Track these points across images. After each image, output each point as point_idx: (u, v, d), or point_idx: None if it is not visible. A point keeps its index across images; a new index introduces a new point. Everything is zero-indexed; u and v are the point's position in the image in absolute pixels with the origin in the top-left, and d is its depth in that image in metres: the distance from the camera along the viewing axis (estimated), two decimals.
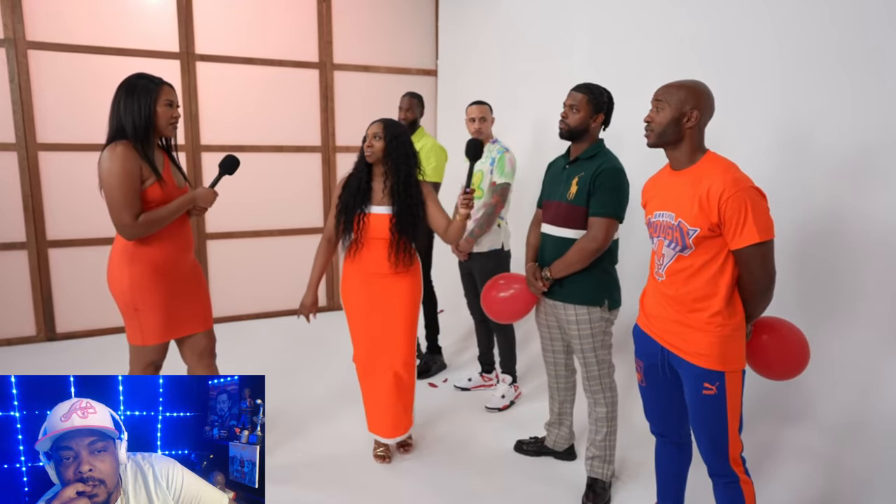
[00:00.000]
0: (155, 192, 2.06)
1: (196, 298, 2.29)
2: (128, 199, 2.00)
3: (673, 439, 1.94)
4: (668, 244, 1.72)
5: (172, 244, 2.16)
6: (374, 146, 2.38)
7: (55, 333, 4.12)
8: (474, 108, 3.10)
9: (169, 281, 2.16)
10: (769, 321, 1.82)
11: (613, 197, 2.17)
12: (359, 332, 2.53)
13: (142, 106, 2.04)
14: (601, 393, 2.35)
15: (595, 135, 2.29)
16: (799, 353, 1.79)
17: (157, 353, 2.22)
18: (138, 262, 2.11)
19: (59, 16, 3.90)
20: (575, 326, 2.28)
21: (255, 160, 4.58)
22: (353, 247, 2.46)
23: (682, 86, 1.67)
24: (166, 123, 2.10)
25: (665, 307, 1.75)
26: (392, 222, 2.39)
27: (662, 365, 1.80)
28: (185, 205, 2.14)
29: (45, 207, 4.00)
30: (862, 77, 2.09)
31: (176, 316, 2.20)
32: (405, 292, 2.49)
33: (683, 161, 1.71)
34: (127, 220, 2.01)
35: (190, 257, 2.28)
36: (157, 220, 2.06)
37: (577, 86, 2.27)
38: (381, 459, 2.60)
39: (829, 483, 2.09)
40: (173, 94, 2.13)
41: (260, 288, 4.73)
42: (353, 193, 2.43)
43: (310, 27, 4.66)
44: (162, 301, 2.14)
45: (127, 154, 2.00)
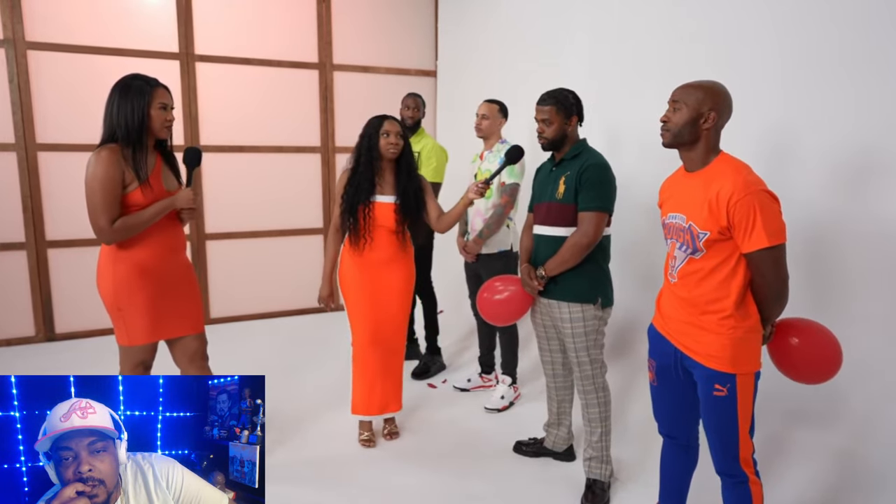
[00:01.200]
0: (136, 197, 2.06)
1: (185, 300, 2.27)
2: (105, 204, 2.00)
3: (681, 441, 1.93)
4: (680, 246, 1.71)
5: (158, 245, 2.15)
6: (399, 144, 2.56)
7: (55, 334, 4.12)
8: (481, 105, 3.12)
9: (154, 282, 2.14)
10: (798, 323, 1.79)
11: (600, 191, 2.20)
12: (359, 316, 2.66)
13: (135, 108, 2.03)
14: (594, 393, 2.35)
15: (574, 136, 2.34)
16: (832, 356, 1.75)
17: (144, 354, 2.21)
18: (122, 263, 2.11)
19: (59, 16, 3.90)
20: (569, 325, 2.29)
21: (255, 161, 4.58)
22: (360, 236, 2.58)
23: (700, 86, 1.66)
24: (160, 126, 2.09)
25: (678, 309, 1.74)
26: (397, 209, 2.58)
27: (676, 366, 1.79)
28: (163, 209, 2.11)
29: (45, 208, 4.00)
30: (863, 77, 2.09)
31: (162, 317, 2.19)
32: (401, 278, 2.68)
33: (697, 162, 1.70)
34: (103, 224, 2.02)
35: (179, 259, 2.26)
36: (134, 224, 2.05)
37: (541, 98, 2.31)
38: (366, 443, 2.73)
39: (838, 483, 2.09)
40: (168, 96, 2.11)
41: (260, 288, 4.73)
42: (360, 187, 2.57)
43: (309, 28, 4.67)
44: (146, 302, 2.13)
45: (110, 159, 2.01)
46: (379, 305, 2.65)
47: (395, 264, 2.66)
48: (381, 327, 2.67)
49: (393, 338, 2.71)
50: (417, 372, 3.57)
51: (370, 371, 2.70)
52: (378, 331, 2.66)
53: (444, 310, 3.99)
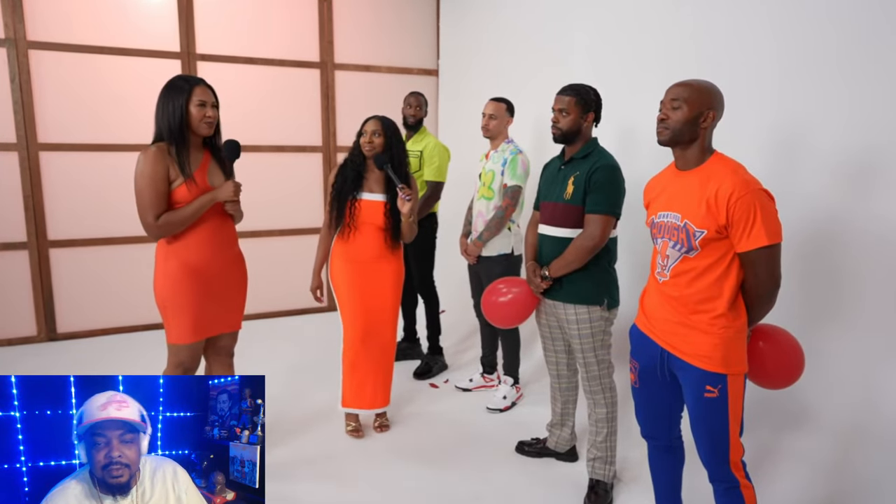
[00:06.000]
0: (182, 193, 2.11)
1: (232, 296, 2.33)
2: (151, 201, 2.07)
3: (663, 443, 1.93)
4: (674, 245, 1.70)
5: (206, 243, 2.19)
6: (374, 142, 2.61)
7: (56, 333, 4.11)
8: (488, 103, 3.08)
9: (201, 281, 2.18)
10: (764, 328, 1.80)
11: (609, 194, 2.18)
12: (349, 313, 2.71)
13: (175, 107, 2.09)
14: (601, 393, 2.34)
15: (588, 134, 2.30)
16: (794, 362, 1.77)
17: (187, 355, 2.21)
18: (172, 260, 2.16)
19: (60, 15, 3.90)
20: (575, 326, 2.28)
21: (256, 160, 4.57)
22: (345, 230, 2.66)
23: (700, 86, 1.66)
24: (198, 123, 2.12)
25: (667, 308, 1.73)
26: (387, 208, 2.63)
27: (661, 367, 1.78)
28: (205, 203, 2.14)
29: (46, 207, 4.00)
30: (859, 78, 2.08)
31: (206, 316, 2.22)
32: (391, 277, 2.74)
33: (692, 161, 1.70)
34: (149, 220, 2.09)
35: (229, 255, 2.29)
36: (178, 220, 2.11)
37: (562, 88, 2.28)
38: (354, 433, 2.80)
39: (830, 487, 2.08)
40: (207, 93, 2.14)
41: (260, 288, 4.68)
42: (347, 181, 2.65)
43: (311, 27, 4.66)
44: (192, 301, 2.17)
45: (156, 156, 2.08)
46: (369, 302, 2.70)
47: (385, 261, 2.71)
48: (371, 324, 2.72)
49: (383, 334, 2.76)
50: (419, 372, 3.56)
51: (360, 367, 2.74)
52: (368, 327, 2.71)
53: (446, 309, 3.99)
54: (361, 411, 2.82)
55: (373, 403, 2.80)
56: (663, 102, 1.71)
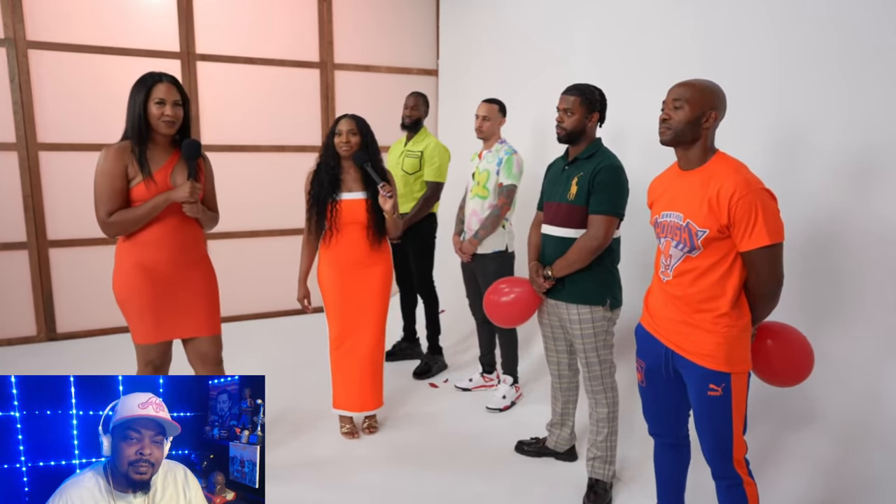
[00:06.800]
0: (140, 192, 2.07)
1: (195, 300, 2.23)
2: (105, 197, 2.05)
3: (670, 440, 1.93)
4: (676, 245, 1.70)
5: (164, 244, 2.13)
6: (351, 141, 2.59)
7: (56, 333, 4.11)
8: (481, 105, 3.10)
9: (157, 281, 2.13)
10: (774, 326, 1.80)
11: (613, 194, 2.17)
12: (336, 317, 2.72)
13: (136, 104, 2.06)
14: (602, 393, 2.34)
15: (592, 134, 2.29)
16: (804, 360, 1.78)
17: (153, 353, 2.19)
18: (126, 260, 2.13)
19: (60, 15, 3.90)
20: (577, 326, 2.28)
21: (256, 160, 4.58)
22: (328, 234, 2.65)
23: (702, 86, 1.66)
24: (157, 121, 2.06)
25: (671, 307, 1.74)
26: (368, 204, 2.61)
27: (666, 366, 1.79)
28: (160, 203, 2.07)
29: (46, 207, 4.00)
30: (861, 77, 2.08)
31: (166, 317, 2.17)
32: (378, 281, 2.72)
33: (694, 161, 1.70)
34: (102, 217, 2.06)
35: (189, 257, 2.21)
36: (131, 219, 2.06)
37: (567, 88, 2.27)
38: (349, 435, 2.79)
39: (832, 486, 2.08)
40: (168, 91, 2.06)
41: (260, 288, 4.72)
42: (324, 185, 2.62)
43: (311, 27, 4.66)
44: (147, 301, 2.12)
45: (116, 154, 2.05)
46: (353, 307, 2.69)
47: (371, 264, 2.69)
48: (358, 327, 2.71)
49: (370, 337, 2.74)
50: (419, 371, 3.56)
51: (347, 369, 2.74)
52: (351, 332, 2.71)
53: (445, 309, 3.99)
54: (352, 414, 2.81)
55: (362, 406, 2.78)
56: (665, 102, 1.71)
